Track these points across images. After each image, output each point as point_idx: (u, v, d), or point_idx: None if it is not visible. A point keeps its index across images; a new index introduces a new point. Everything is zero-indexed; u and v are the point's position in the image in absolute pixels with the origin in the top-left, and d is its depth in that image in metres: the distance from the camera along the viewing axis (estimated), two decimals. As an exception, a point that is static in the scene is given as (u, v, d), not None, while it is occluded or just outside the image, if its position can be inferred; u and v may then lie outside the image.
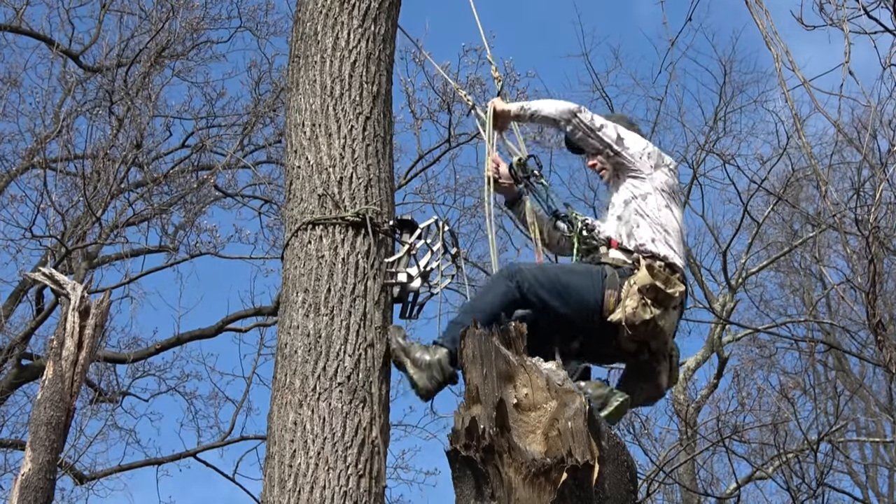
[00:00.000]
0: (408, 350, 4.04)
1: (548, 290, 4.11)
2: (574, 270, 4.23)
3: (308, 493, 3.77)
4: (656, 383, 4.28)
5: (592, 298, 4.11)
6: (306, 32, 4.61)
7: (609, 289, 4.11)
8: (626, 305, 4.07)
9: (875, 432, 16.36)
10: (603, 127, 4.41)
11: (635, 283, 4.10)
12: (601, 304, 4.11)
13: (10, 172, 12.18)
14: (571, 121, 4.40)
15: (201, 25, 13.32)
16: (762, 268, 15.26)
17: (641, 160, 4.42)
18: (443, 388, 4.04)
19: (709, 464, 14.28)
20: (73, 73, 12.85)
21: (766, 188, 13.86)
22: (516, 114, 4.57)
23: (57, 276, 5.67)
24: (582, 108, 4.43)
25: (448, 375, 4.01)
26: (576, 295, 4.13)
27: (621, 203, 4.39)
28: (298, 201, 4.33)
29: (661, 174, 4.44)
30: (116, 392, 12.75)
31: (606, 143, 4.41)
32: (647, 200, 4.35)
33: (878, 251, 5.75)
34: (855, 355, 12.97)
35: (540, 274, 4.15)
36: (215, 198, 13.14)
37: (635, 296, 4.08)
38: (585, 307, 4.12)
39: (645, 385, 4.29)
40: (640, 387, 4.30)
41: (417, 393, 4.04)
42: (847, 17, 4.89)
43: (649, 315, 4.07)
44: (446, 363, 4.00)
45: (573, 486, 3.33)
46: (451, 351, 4.00)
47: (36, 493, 5.02)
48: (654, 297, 4.09)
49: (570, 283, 4.14)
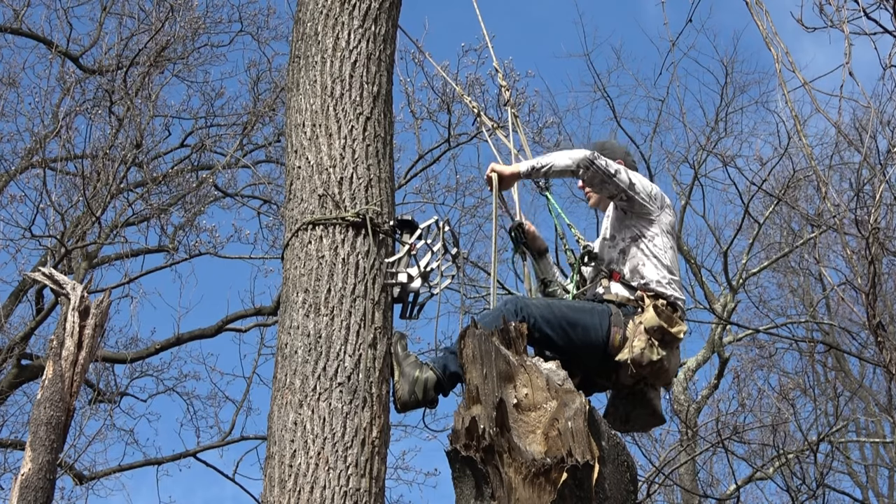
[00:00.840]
0: (401, 360, 4.12)
1: (553, 327, 4.17)
2: (580, 308, 4.27)
3: (308, 493, 3.77)
4: (653, 409, 4.35)
5: (598, 337, 4.17)
6: (307, 33, 4.61)
7: (615, 327, 4.18)
8: (633, 346, 4.13)
9: (875, 433, 16.36)
10: (618, 173, 4.42)
11: (642, 324, 4.16)
12: (606, 342, 4.17)
13: (9, 172, 12.17)
14: (590, 168, 4.39)
15: (201, 27, 13.31)
16: (763, 268, 15.26)
17: (650, 202, 4.47)
18: (419, 407, 4.12)
19: (709, 464, 14.30)
20: (72, 73, 12.84)
21: (766, 189, 13.86)
22: (527, 173, 4.49)
23: (57, 275, 5.66)
24: (595, 153, 4.42)
25: (428, 399, 4.10)
26: (582, 333, 4.18)
27: (627, 238, 4.44)
28: (299, 201, 4.33)
29: (666, 215, 4.50)
30: (115, 392, 12.75)
31: (622, 189, 4.43)
32: (656, 241, 4.41)
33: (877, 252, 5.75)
34: (855, 356, 12.97)
35: (546, 311, 4.19)
36: (215, 198, 13.15)
37: (642, 336, 4.14)
38: (590, 345, 4.18)
39: (641, 410, 4.36)
40: (636, 412, 4.36)
41: (395, 402, 4.12)
42: (847, 18, 4.89)
43: (657, 356, 4.13)
44: (430, 387, 4.09)
45: (573, 486, 3.33)
46: (440, 378, 4.08)
47: (36, 493, 5.02)
48: (660, 339, 4.16)
49: (577, 321, 4.19)
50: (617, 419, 4.38)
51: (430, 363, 4.14)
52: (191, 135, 13.49)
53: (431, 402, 4.11)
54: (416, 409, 4.13)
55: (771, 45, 4.73)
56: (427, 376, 4.07)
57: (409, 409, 4.10)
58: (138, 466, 12.38)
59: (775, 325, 14.71)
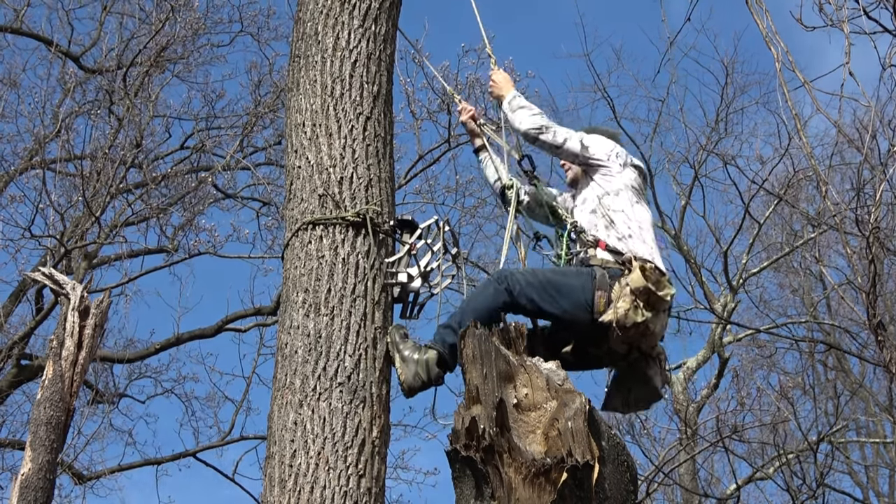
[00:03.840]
0: (399, 346, 4.10)
1: (538, 291, 4.17)
2: (564, 272, 4.30)
3: (308, 493, 3.77)
4: (651, 386, 4.34)
5: (583, 299, 4.16)
6: (307, 32, 4.61)
7: (599, 290, 4.17)
8: (617, 307, 4.11)
9: (875, 433, 16.35)
10: (566, 141, 4.55)
11: (628, 285, 4.15)
12: (591, 305, 4.15)
13: (9, 173, 12.16)
14: (536, 141, 4.58)
15: (202, 27, 13.31)
16: (763, 268, 15.26)
17: (609, 160, 4.55)
18: (426, 388, 4.11)
19: (709, 464, 14.30)
20: (72, 73, 12.84)
21: (766, 189, 13.86)
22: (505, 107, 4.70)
23: (56, 275, 5.66)
24: (544, 128, 4.55)
25: (434, 377, 4.08)
26: (566, 296, 4.18)
27: (594, 198, 4.50)
28: (299, 201, 4.33)
29: (630, 172, 4.56)
30: (113, 394, 12.75)
31: (574, 155, 4.56)
32: (620, 196, 4.46)
33: (878, 252, 5.74)
34: (855, 355, 12.96)
35: (531, 277, 4.22)
36: (214, 198, 13.14)
37: (627, 297, 4.13)
38: (576, 308, 4.17)
39: (639, 387, 4.35)
40: (634, 389, 4.36)
41: (401, 388, 4.10)
42: (847, 17, 4.89)
43: (641, 318, 4.11)
44: (433, 364, 4.07)
45: (573, 486, 3.33)
46: (441, 353, 4.06)
47: (36, 492, 5.02)
48: (646, 300, 4.14)
49: (561, 285, 4.20)
50: (618, 401, 4.39)
51: (428, 343, 4.13)
52: (191, 136, 13.51)
53: (437, 380, 4.09)
54: (424, 390, 4.09)
55: (771, 45, 4.73)
56: (428, 356, 4.06)
57: (416, 392, 4.07)
58: (138, 466, 12.37)
59: (776, 324, 14.71)
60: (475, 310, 4.10)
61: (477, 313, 4.06)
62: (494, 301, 4.14)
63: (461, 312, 4.13)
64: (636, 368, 4.32)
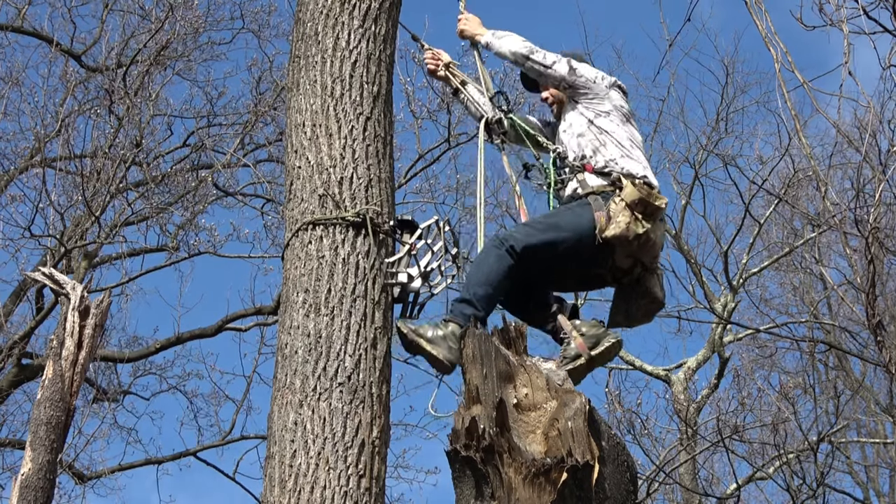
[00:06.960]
0: (419, 331, 4.10)
1: (538, 235, 4.27)
2: (557, 212, 4.44)
3: (308, 493, 3.78)
4: (652, 296, 4.45)
5: (584, 222, 4.27)
6: (307, 33, 4.61)
7: (597, 212, 4.28)
8: (618, 222, 4.23)
9: (876, 432, 16.34)
10: (555, 63, 4.63)
11: (623, 200, 4.27)
12: (594, 226, 4.25)
13: (9, 172, 12.16)
14: (525, 64, 4.67)
15: (202, 25, 13.30)
16: (763, 268, 15.26)
17: (596, 83, 4.63)
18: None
19: (709, 464, 14.29)
20: (74, 72, 12.83)
21: (767, 189, 13.86)
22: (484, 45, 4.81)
23: (57, 275, 5.67)
24: (534, 49, 4.66)
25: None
26: (567, 228, 4.30)
27: (582, 122, 4.57)
28: (299, 201, 4.34)
29: (616, 94, 4.65)
30: (117, 391, 12.75)
31: (561, 76, 4.63)
32: (611, 117, 4.56)
33: (878, 251, 5.75)
34: (855, 355, 12.94)
35: (526, 228, 4.35)
36: (216, 197, 13.13)
37: (626, 211, 4.25)
38: (580, 232, 4.27)
39: (641, 300, 4.46)
40: (636, 303, 4.47)
41: (440, 367, 4.09)
42: (846, 17, 4.89)
43: (642, 229, 4.24)
44: (460, 336, 4.03)
45: (573, 486, 3.33)
46: (461, 324, 4.07)
47: (36, 492, 5.02)
48: (643, 211, 4.27)
49: (558, 221, 4.34)
50: (619, 315, 4.47)
51: (445, 317, 4.14)
52: (192, 134, 13.48)
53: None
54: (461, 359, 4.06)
55: (770, 45, 4.73)
56: (451, 329, 4.06)
57: (455, 365, 4.03)
58: (138, 466, 12.39)
59: (776, 324, 14.70)
60: (486, 278, 4.16)
61: (489, 282, 4.14)
62: (500, 263, 4.20)
63: (471, 284, 4.18)
64: (639, 283, 4.43)
